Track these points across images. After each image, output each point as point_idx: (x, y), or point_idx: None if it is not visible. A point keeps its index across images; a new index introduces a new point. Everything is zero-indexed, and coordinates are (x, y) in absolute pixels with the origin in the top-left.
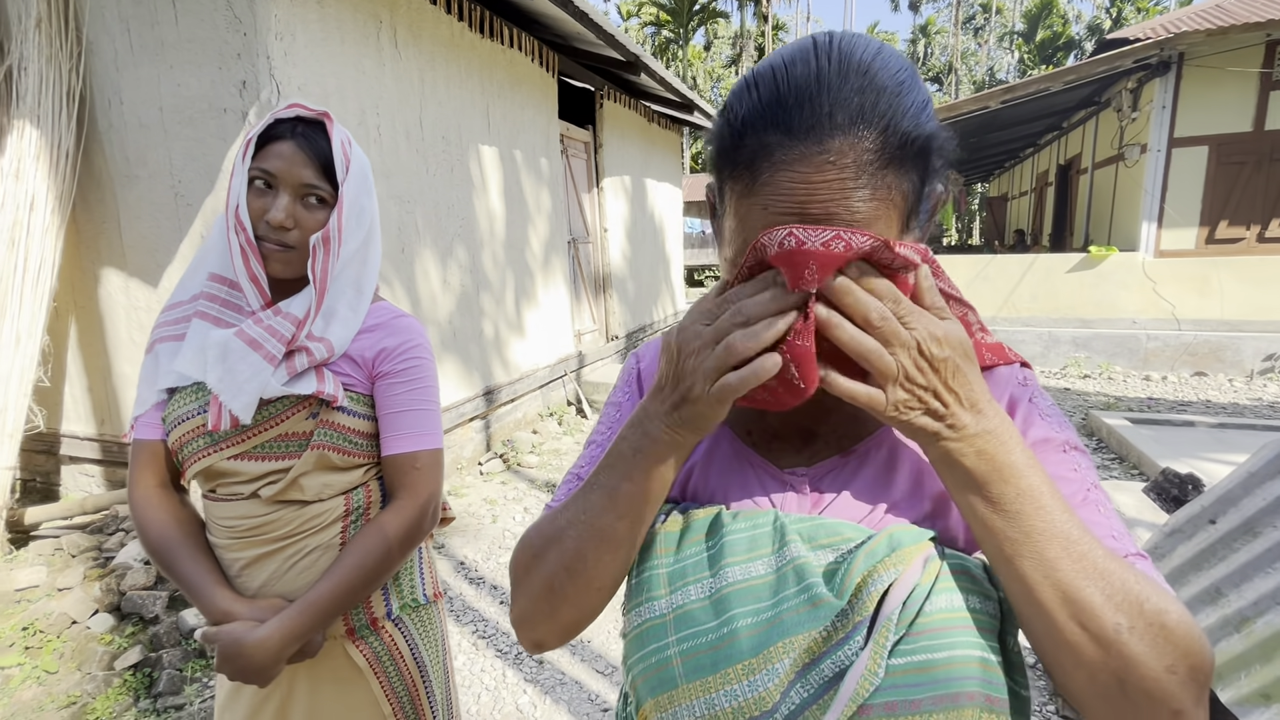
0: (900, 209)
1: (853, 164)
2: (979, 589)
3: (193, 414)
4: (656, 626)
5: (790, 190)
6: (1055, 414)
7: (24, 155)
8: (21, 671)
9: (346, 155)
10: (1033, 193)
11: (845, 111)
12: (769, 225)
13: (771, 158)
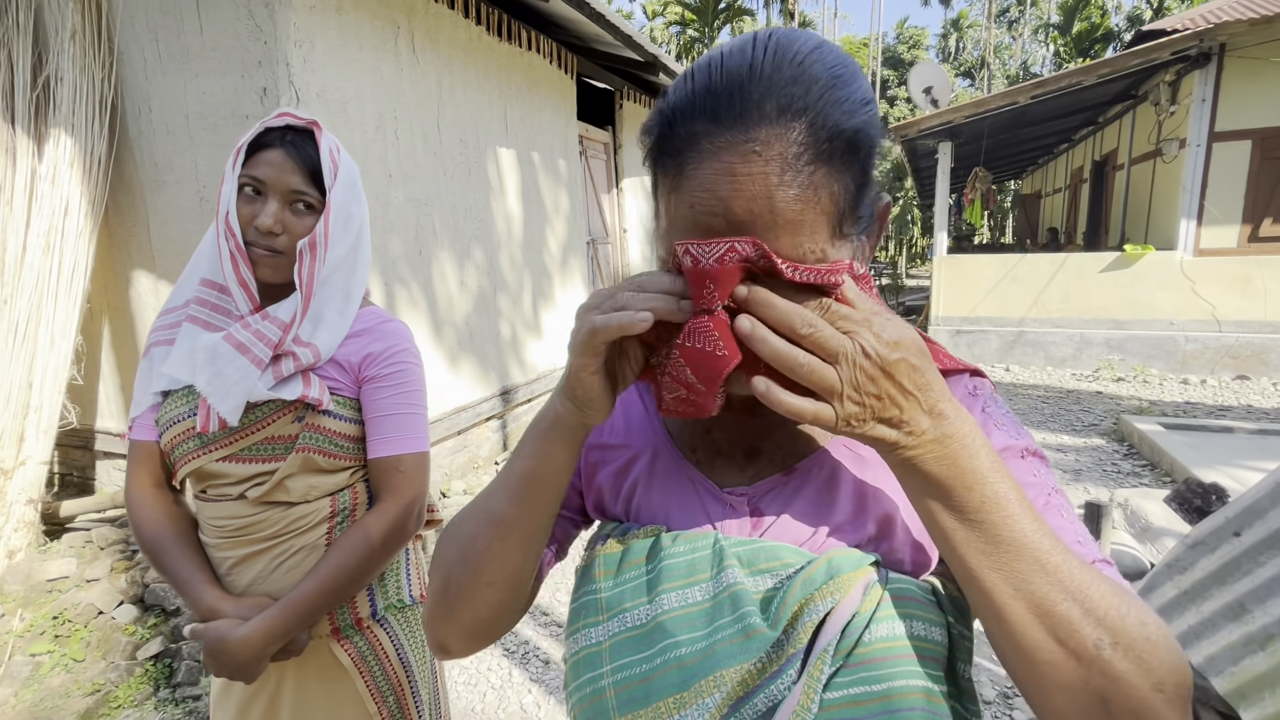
0: (830, 212)
1: (779, 156)
2: (924, 615)
3: (183, 416)
4: (593, 654)
5: (715, 184)
6: (1010, 421)
7: (59, 162)
8: (51, 659)
9: (335, 162)
10: (1067, 190)
11: (775, 101)
12: (694, 225)
13: (698, 147)
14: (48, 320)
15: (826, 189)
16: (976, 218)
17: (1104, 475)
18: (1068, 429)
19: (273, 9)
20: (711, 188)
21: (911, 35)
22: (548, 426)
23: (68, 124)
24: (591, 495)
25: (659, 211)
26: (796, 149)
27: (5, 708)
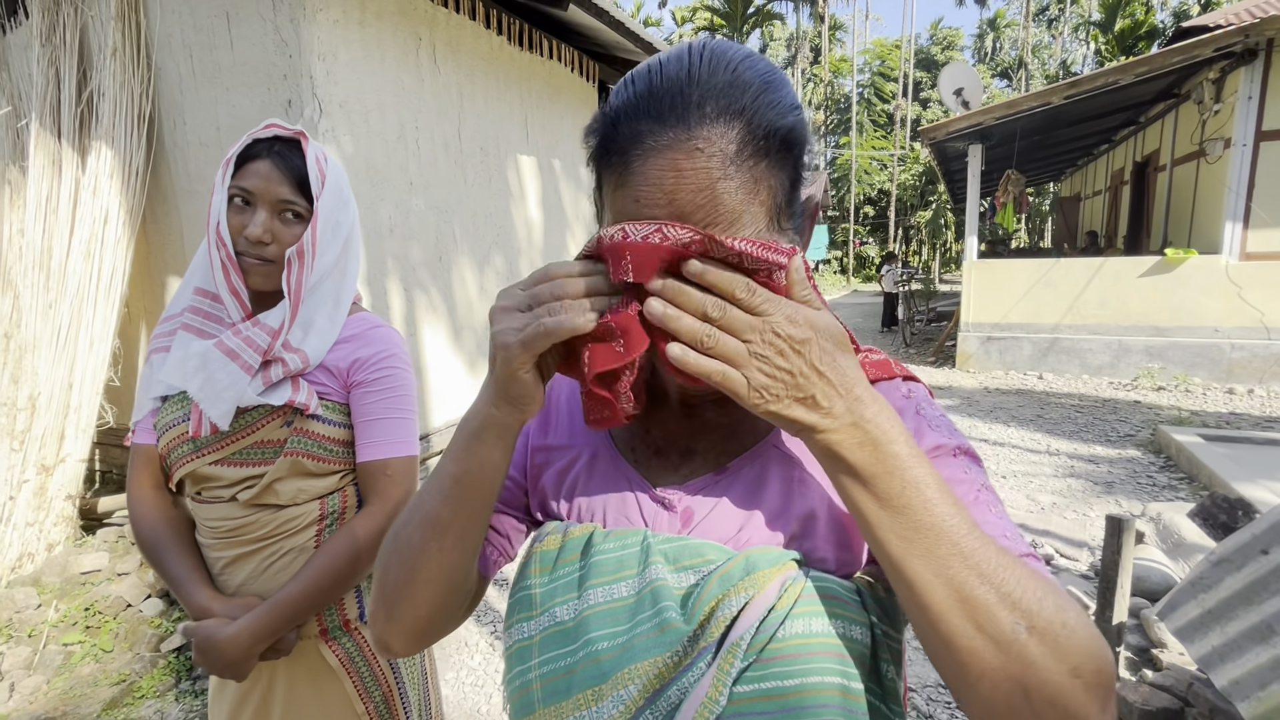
0: (768, 206)
1: (720, 153)
2: (845, 614)
3: (178, 421)
4: (524, 648)
5: (660, 179)
6: (944, 422)
7: (100, 173)
8: (82, 649)
9: (322, 171)
10: (1107, 192)
11: (714, 103)
12: (638, 219)
13: (643, 144)
14: (87, 324)
15: (765, 183)
16: (1009, 221)
17: (1138, 488)
18: (1102, 439)
19: (298, 24)
20: (656, 182)
21: (946, 36)
22: (479, 428)
23: (108, 137)
24: (536, 495)
25: (602, 210)
26: (736, 146)
27: (38, 695)
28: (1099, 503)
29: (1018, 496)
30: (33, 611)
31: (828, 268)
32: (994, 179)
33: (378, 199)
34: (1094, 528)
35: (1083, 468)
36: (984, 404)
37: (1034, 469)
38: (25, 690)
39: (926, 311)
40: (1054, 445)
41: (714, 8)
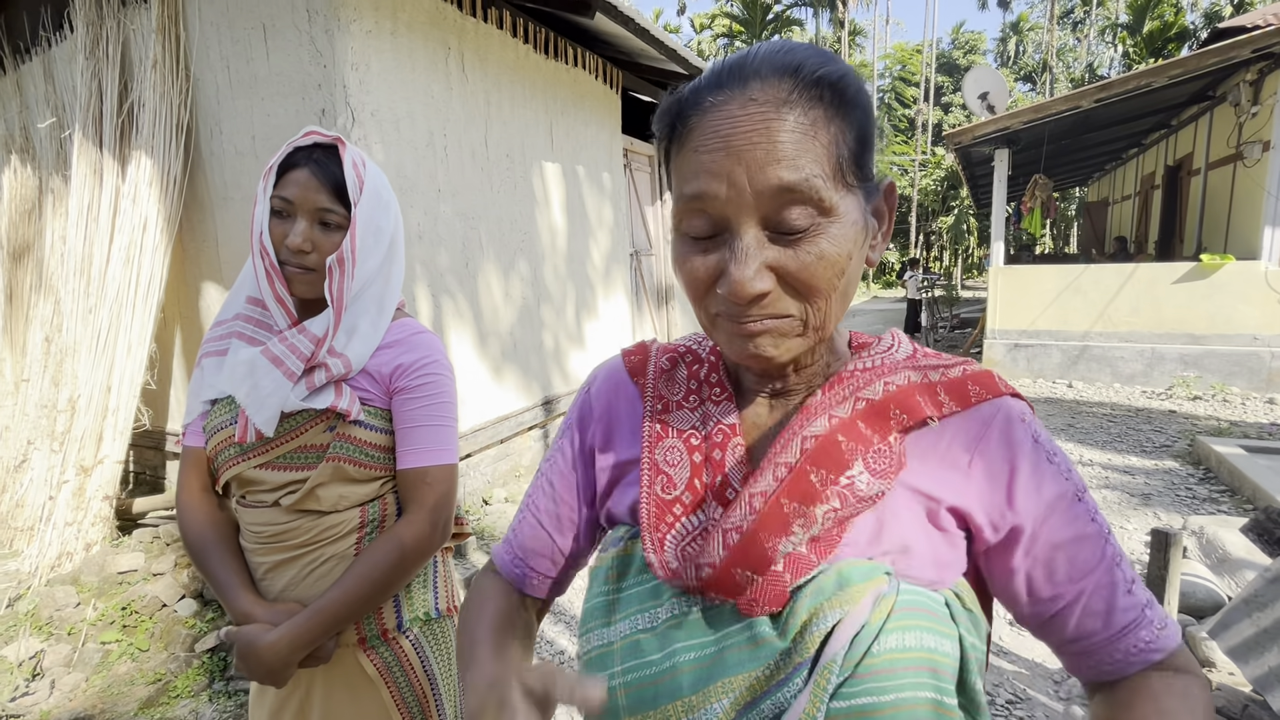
0: (828, 149)
1: (773, 99)
2: (936, 628)
3: (225, 425)
4: (605, 654)
5: (716, 127)
6: (1060, 454)
7: (140, 181)
8: (119, 648)
9: (360, 177)
10: (1137, 196)
11: (769, 66)
12: (699, 169)
13: (702, 105)
14: (125, 328)
15: (822, 129)
16: (1036, 227)
17: (1176, 500)
18: (1137, 450)
19: (332, 35)
20: (713, 130)
21: (968, 40)
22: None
23: (148, 146)
24: (605, 509)
25: (669, 185)
26: (787, 93)
27: (77, 692)
28: (1136, 515)
29: None
30: (72, 610)
31: None
32: (1020, 184)
33: (407, 206)
34: (1132, 540)
35: (1118, 479)
36: None
37: None
38: (65, 687)
39: (950, 318)
40: (1087, 455)
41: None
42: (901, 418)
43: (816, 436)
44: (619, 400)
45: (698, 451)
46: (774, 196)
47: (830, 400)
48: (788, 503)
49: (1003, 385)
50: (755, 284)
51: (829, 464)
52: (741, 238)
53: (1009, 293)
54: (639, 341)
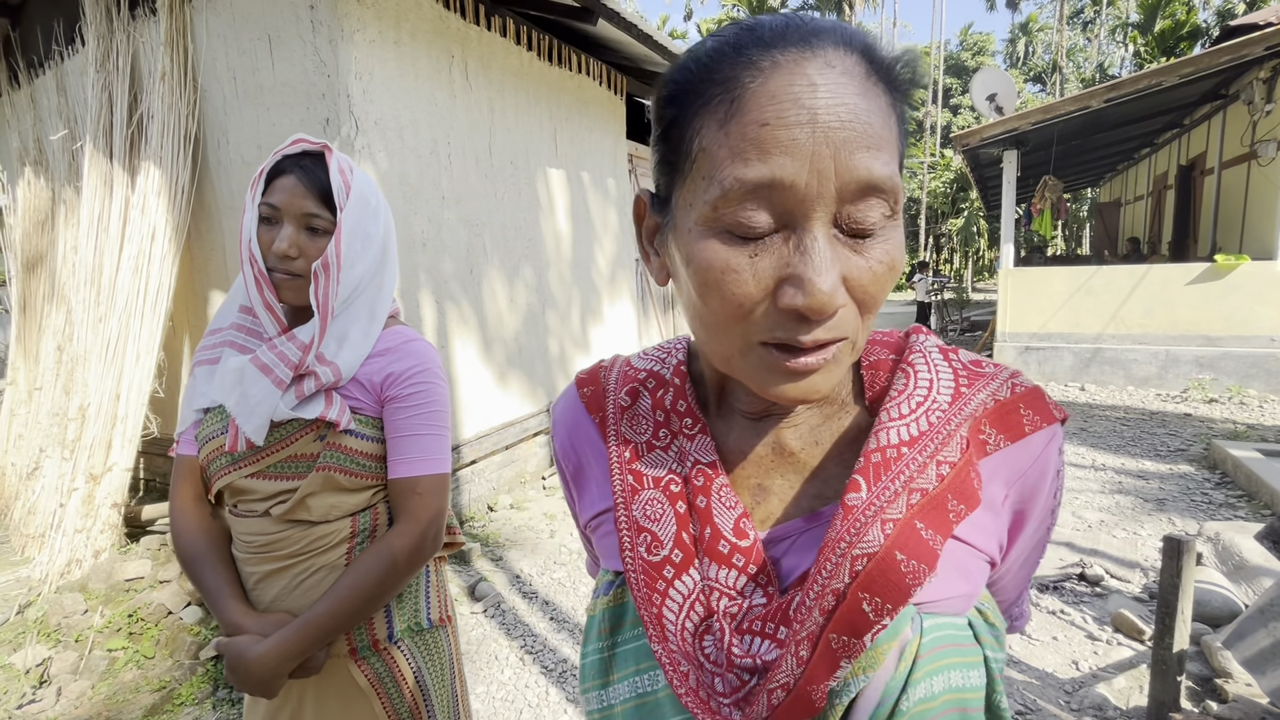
0: (897, 144)
1: (853, 71)
2: (963, 659)
3: (217, 434)
4: (607, 717)
5: (793, 93)
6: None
7: (148, 192)
8: (125, 655)
9: (346, 182)
10: (1149, 197)
11: (834, 36)
12: (768, 144)
13: (758, 66)
14: (134, 337)
15: (893, 115)
16: (1046, 228)
17: (1192, 506)
18: (1151, 454)
19: (335, 45)
20: (791, 97)
21: (976, 41)
22: None
23: (156, 157)
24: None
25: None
26: (864, 69)
27: (83, 699)
28: (1150, 521)
29: (1063, 514)
30: (80, 617)
31: None
32: (1030, 185)
33: (411, 213)
34: (1146, 547)
35: (1131, 484)
36: None
37: (1079, 484)
38: (71, 694)
39: (960, 321)
40: (1099, 460)
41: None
42: (960, 509)
43: (869, 555)
44: (581, 442)
45: (680, 500)
46: (860, 189)
47: (880, 496)
48: (836, 638)
49: (1053, 407)
50: (839, 295)
51: (886, 589)
52: (817, 236)
53: (1019, 295)
54: (594, 365)
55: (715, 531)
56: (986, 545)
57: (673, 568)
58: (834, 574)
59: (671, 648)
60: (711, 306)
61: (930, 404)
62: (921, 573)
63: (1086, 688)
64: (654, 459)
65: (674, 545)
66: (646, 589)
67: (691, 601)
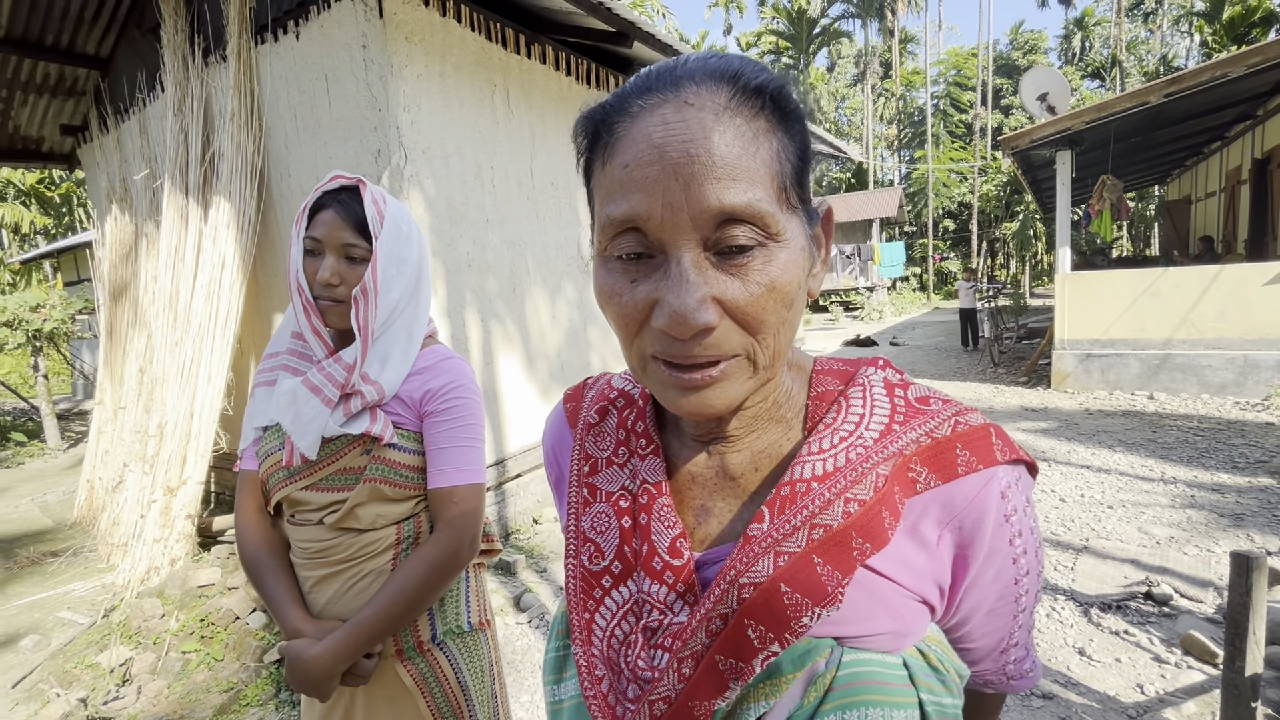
0: (772, 169)
1: (711, 105)
2: (887, 699)
3: (274, 450)
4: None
5: (648, 134)
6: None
7: (219, 224)
8: (197, 657)
9: (380, 212)
10: (1222, 193)
11: (703, 72)
12: (629, 184)
13: (629, 111)
14: (206, 358)
15: (764, 141)
16: (1107, 230)
17: (1273, 521)
18: (1227, 466)
19: (386, 80)
20: (645, 138)
21: (1027, 40)
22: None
23: (226, 191)
24: None
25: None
26: (726, 99)
27: (160, 698)
28: (1226, 537)
29: (1128, 529)
30: (157, 620)
31: (906, 285)
32: (1087, 185)
33: (457, 236)
34: (1221, 565)
35: (1205, 498)
36: (1085, 427)
37: (1146, 499)
38: (150, 693)
39: (1016, 328)
40: (1169, 472)
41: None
42: (865, 547)
43: (756, 584)
44: (563, 455)
45: (627, 515)
46: (714, 218)
47: (779, 529)
48: (723, 659)
49: (999, 449)
50: (700, 315)
51: (769, 619)
52: (680, 261)
53: (1078, 300)
54: (582, 381)
55: (652, 548)
56: (917, 585)
57: (611, 578)
58: (721, 599)
59: (593, 652)
60: (612, 326)
61: (854, 439)
62: (806, 605)
63: (1152, 712)
64: (610, 475)
65: (615, 557)
66: (582, 595)
67: (624, 612)
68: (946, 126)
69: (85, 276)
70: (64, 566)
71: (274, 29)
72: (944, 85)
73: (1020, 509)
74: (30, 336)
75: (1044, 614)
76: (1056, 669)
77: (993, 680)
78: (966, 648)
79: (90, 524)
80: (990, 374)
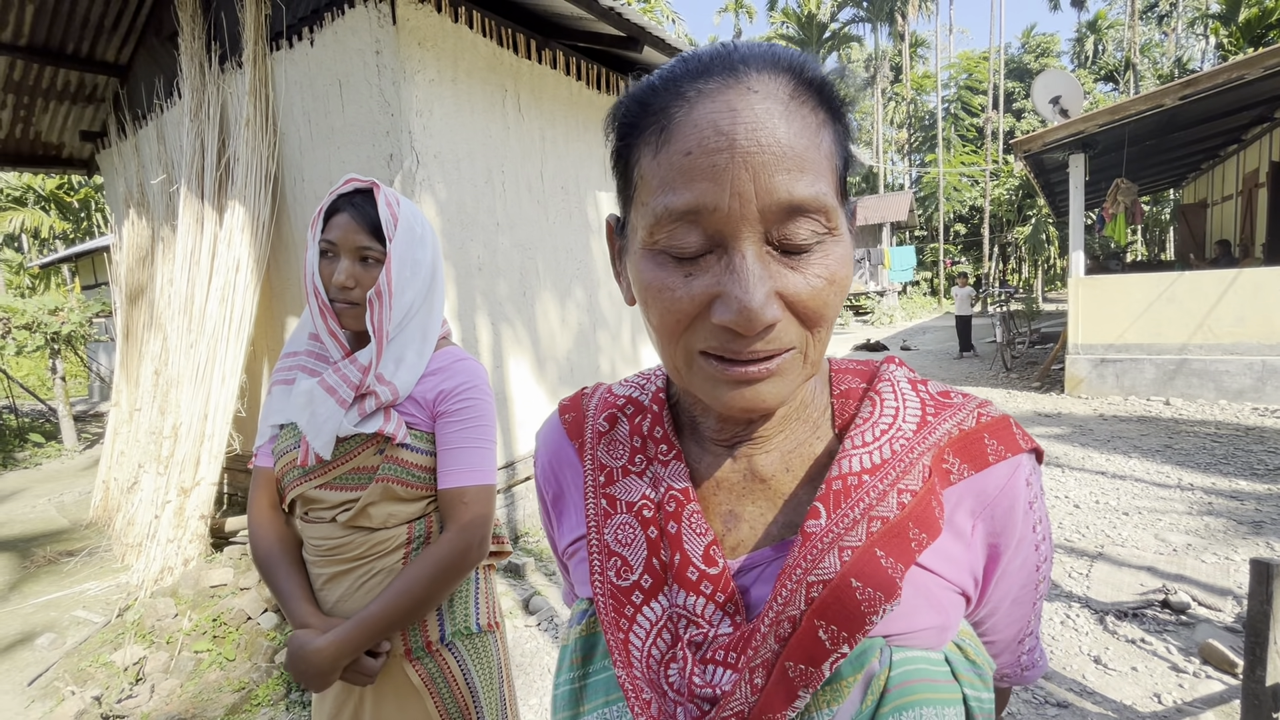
0: (831, 160)
1: (775, 94)
2: (937, 695)
3: (290, 449)
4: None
5: (714, 120)
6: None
7: (234, 228)
8: (209, 656)
9: (394, 215)
10: (1239, 196)
11: (762, 60)
12: (692, 172)
13: (685, 96)
14: (220, 361)
15: (825, 133)
16: (1120, 234)
17: None
18: (1246, 473)
19: (398, 85)
20: (710, 124)
21: (1039, 43)
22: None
23: (241, 196)
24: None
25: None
26: (790, 90)
27: (173, 696)
28: (1245, 545)
29: (1144, 535)
30: (170, 620)
31: (916, 290)
32: (1101, 189)
33: (468, 239)
34: (1240, 573)
35: (1223, 505)
36: (1099, 433)
37: (1162, 505)
38: (163, 692)
39: (1029, 333)
40: (1186, 479)
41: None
42: (921, 538)
43: (825, 582)
44: (562, 468)
45: (652, 525)
46: (783, 210)
47: (839, 524)
48: (793, 666)
49: (1021, 438)
50: (768, 310)
51: (842, 617)
52: (745, 255)
53: (1092, 305)
54: (576, 392)
55: (685, 558)
56: (958, 577)
57: (641, 593)
58: (789, 600)
59: (635, 674)
60: (654, 322)
61: (895, 432)
62: (878, 600)
63: None
64: (628, 484)
65: (644, 570)
66: (614, 613)
67: (659, 628)
68: (958, 130)
69: (103, 280)
70: (80, 566)
71: (289, 36)
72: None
73: (1039, 496)
74: (49, 339)
75: (1058, 621)
76: (1071, 677)
77: (1008, 674)
78: (990, 640)
79: (105, 524)
80: (1002, 379)
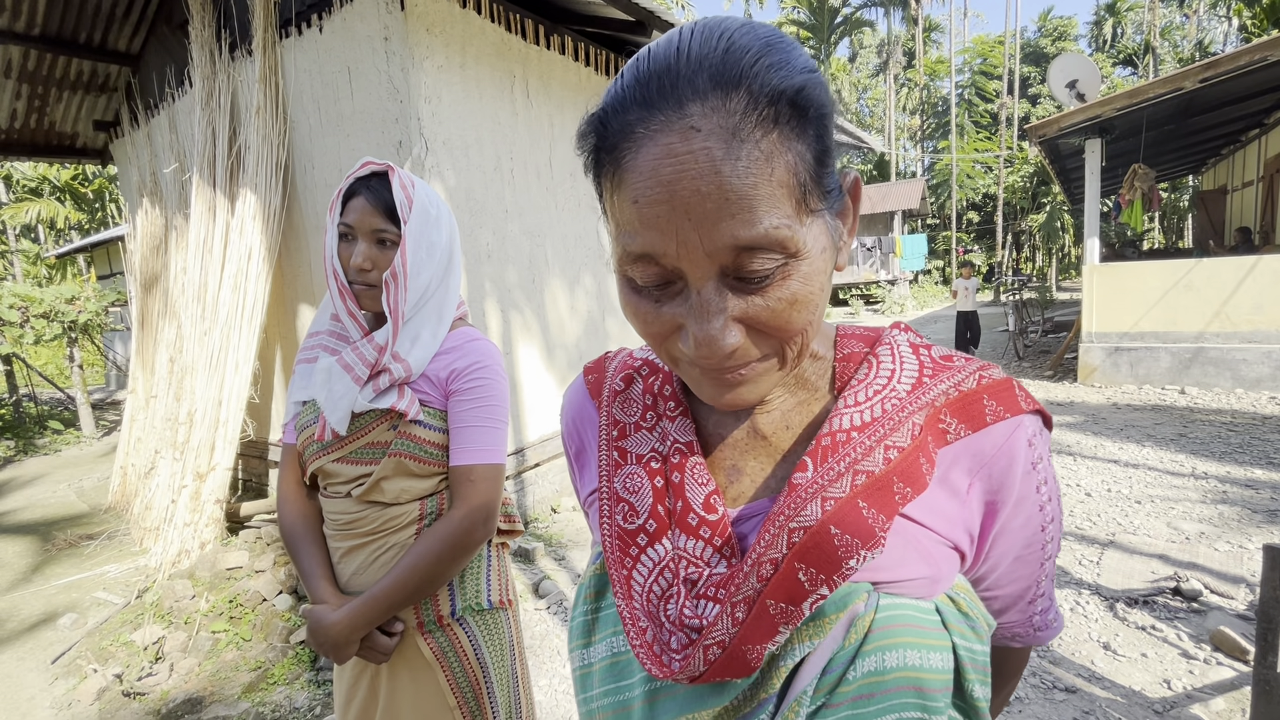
0: (788, 184)
1: (719, 129)
2: (923, 640)
3: (310, 423)
4: (586, 675)
5: (655, 170)
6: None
7: (246, 216)
8: (226, 637)
9: (409, 197)
10: (1260, 182)
11: (705, 74)
12: (640, 221)
13: (633, 135)
14: (234, 348)
15: (780, 158)
16: (1137, 221)
17: None
18: (1262, 461)
19: (407, 71)
20: (652, 174)
21: (1056, 27)
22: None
23: (253, 184)
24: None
25: (606, 218)
26: (737, 119)
27: (191, 675)
28: (1259, 533)
29: (1156, 524)
30: (188, 601)
31: (928, 279)
32: (1118, 175)
33: (477, 226)
34: (1253, 561)
35: (1238, 493)
36: (1112, 421)
37: (1176, 494)
38: (182, 670)
39: (1043, 321)
40: (1200, 468)
41: (800, 20)
42: (906, 491)
43: (806, 528)
44: (585, 426)
45: (659, 475)
46: (732, 252)
47: (824, 476)
48: (774, 604)
49: (1022, 399)
50: (725, 340)
51: (820, 561)
52: (700, 292)
53: (1107, 293)
54: (601, 355)
55: (686, 505)
56: (950, 532)
57: (646, 536)
58: (771, 544)
59: (635, 606)
60: (639, 332)
61: (888, 392)
62: (855, 546)
63: (1179, 708)
64: (639, 438)
65: (649, 516)
66: (619, 553)
67: (661, 568)
68: (971, 116)
69: (118, 270)
70: (99, 549)
71: (298, 23)
72: (969, 74)
73: (1044, 458)
74: (66, 328)
75: (1068, 608)
76: (1080, 663)
77: (1020, 632)
78: (993, 595)
79: (124, 509)
80: (1015, 367)
